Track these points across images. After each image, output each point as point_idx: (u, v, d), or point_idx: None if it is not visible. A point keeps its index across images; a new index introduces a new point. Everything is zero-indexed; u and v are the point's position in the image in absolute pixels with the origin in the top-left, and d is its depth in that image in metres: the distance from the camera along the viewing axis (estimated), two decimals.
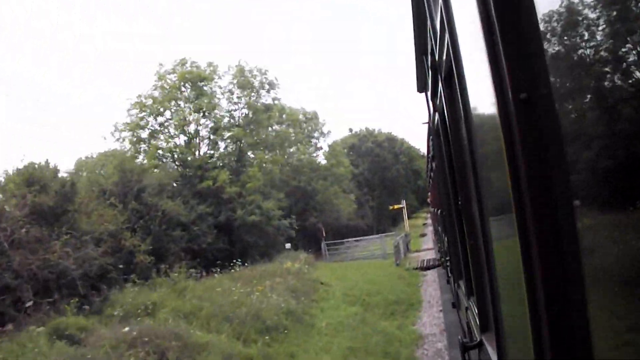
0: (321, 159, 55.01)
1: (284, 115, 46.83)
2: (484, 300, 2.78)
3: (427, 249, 36.13)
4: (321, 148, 55.53)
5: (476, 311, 3.11)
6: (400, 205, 54.98)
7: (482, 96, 1.57)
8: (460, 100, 2.20)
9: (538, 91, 1.04)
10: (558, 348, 1.05)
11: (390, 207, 58.47)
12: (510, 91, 1.10)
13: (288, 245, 38.09)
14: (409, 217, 75.40)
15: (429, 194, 24.97)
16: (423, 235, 50.52)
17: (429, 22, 3.51)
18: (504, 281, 1.73)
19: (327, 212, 52.37)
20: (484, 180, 1.85)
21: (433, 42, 3.41)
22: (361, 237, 47.95)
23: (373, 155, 72.07)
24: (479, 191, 1.95)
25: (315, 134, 54.65)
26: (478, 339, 2.88)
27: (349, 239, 46.21)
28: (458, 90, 2.21)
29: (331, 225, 53.20)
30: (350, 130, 76.88)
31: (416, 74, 7.20)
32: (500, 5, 1.15)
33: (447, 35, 2.30)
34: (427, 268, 26.03)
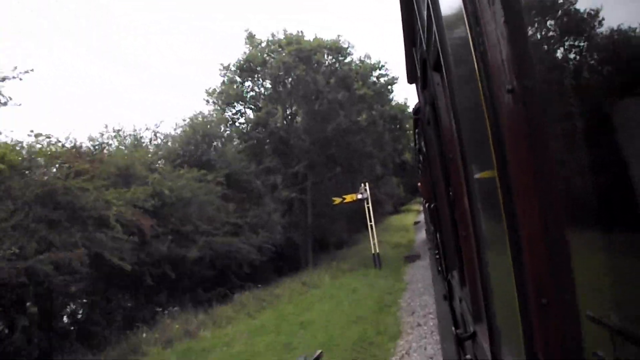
0: None
1: None
2: (475, 291, 2.79)
3: None
4: None
5: (469, 302, 3.12)
6: (359, 196, 25.13)
7: (470, 87, 1.56)
8: (449, 92, 2.20)
9: (524, 82, 1.03)
10: (547, 338, 1.04)
11: (335, 201, 26.27)
12: (496, 82, 1.09)
13: None
14: (395, 211, 53.81)
15: (419, 184, 24.31)
16: (412, 258, 23.28)
17: (417, 14, 3.49)
18: (495, 273, 1.74)
19: None
20: (474, 172, 1.85)
21: (422, 34, 3.40)
22: None
23: (294, 84, 31.01)
24: (469, 183, 1.95)
25: None
26: (472, 330, 2.89)
27: None
28: (447, 81, 2.20)
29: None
30: (250, 36, 32.33)
31: (406, 65, 7.19)
32: None
33: (434, 27, 2.28)
34: None
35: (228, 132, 31.63)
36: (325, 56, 32.01)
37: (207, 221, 22.11)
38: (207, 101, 32.51)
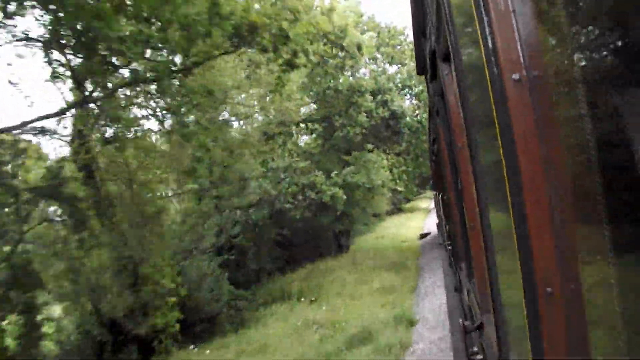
0: None
1: None
2: (484, 282, 2.79)
3: None
4: None
5: (477, 293, 3.12)
6: None
7: (478, 77, 1.56)
8: (457, 82, 2.19)
9: (531, 72, 1.03)
10: (552, 326, 1.05)
11: None
12: (504, 72, 1.09)
13: None
14: (396, 210, 37.69)
15: (431, 177, 23.22)
16: None
17: (427, 5, 3.47)
18: (502, 263, 1.74)
19: None
20: (482, 163, 1.85)
21: (431, 25, 3.38)
22: None
23: None
24: (477, 174, 1.95)
25: None
26: (479, 321, 2.89)
27: None
28: (455, 71, 2.20)
29: None
30: None
31: (415, 56, 7.17)
32: None
33: (444, 17, 2.28)
34: None
35: None
36: None
37: None
38: None
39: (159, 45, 11.97)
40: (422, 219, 34.52)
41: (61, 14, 10.40)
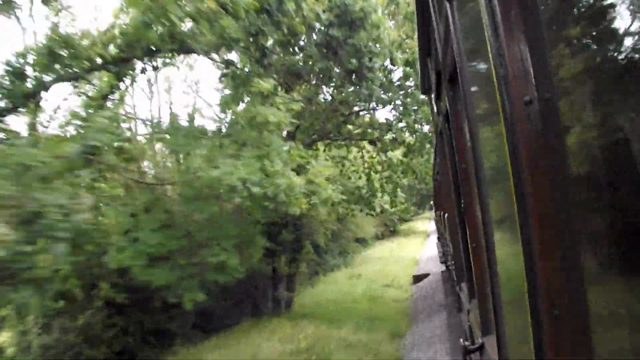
0: None
1: None
2: (485, 303, 2.77)
3: None
4: None
5: (478, 314, 3.10)
6: None
7: (486, 98, 1.57)
8: (463, 103, 2.20)
9: (542, 94, 1.04)
10: (558, 349, 1.04)
11: None
12: (514, 93, 1.09)
13: None
14: (388, 232, 30.32)
15: (434, 197, 21.49)
16: None
17: (434, 24, 3.51)
18: (505, 284, 1.73)
19: None
20: (487, 183, 1.85)
21: (437, 44, 3.41)
22: None
23: None
24: (482, 194, 1.95)
25: None
26: (480, 342, 2.87)
27: None
28: (462, 92, 2.21)
29: None
30: None
31: (420, 76, 7.21)
32: (505, 8, 1.15)
33: (451, 37, 2.29)
34: None
35: None
36: None
37: None
38: None
39: None
40: (419, 246, 25.77)
41: None
